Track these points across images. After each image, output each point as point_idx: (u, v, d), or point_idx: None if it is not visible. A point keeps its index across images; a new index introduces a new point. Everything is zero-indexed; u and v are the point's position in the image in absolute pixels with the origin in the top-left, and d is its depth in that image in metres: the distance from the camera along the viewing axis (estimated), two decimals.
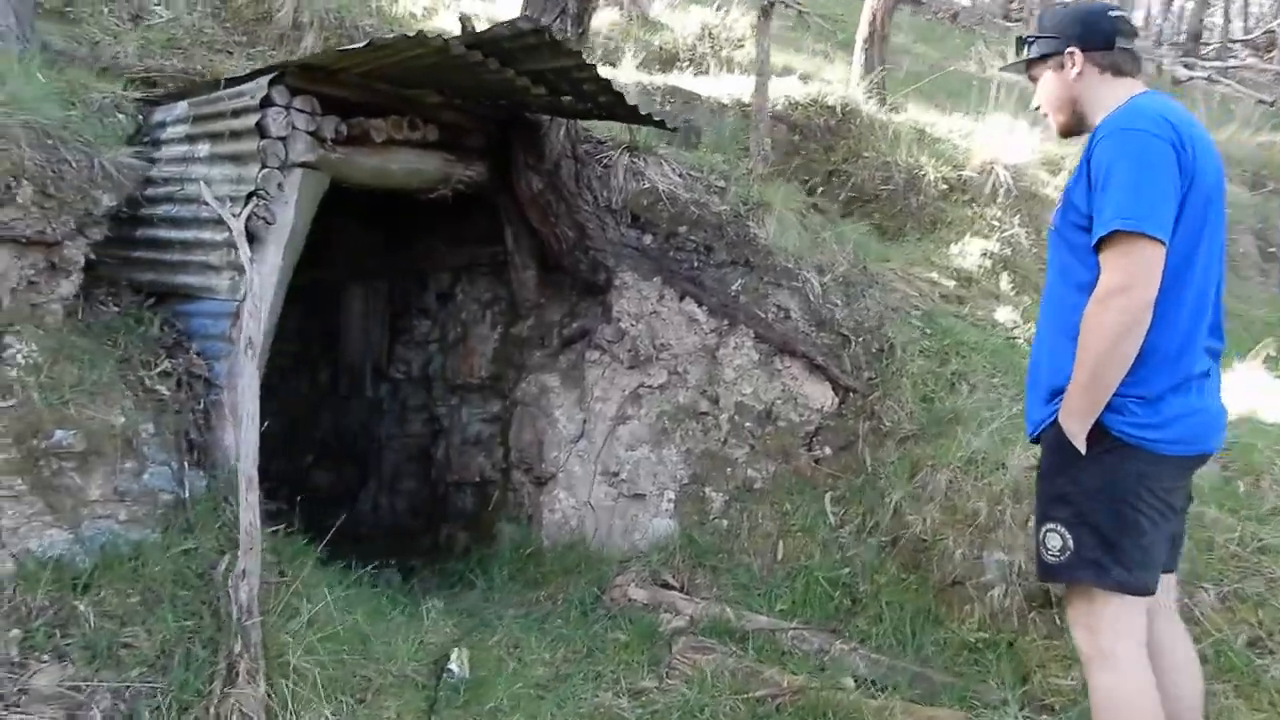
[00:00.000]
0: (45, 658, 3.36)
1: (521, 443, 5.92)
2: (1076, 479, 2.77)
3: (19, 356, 3.90)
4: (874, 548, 4.72)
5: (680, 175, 5.91)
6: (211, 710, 3.24)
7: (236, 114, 4.74)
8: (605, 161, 5.90)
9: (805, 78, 9.58)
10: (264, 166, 4.66)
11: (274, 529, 4.52)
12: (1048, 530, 2.82)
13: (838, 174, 8.61)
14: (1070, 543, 2.76)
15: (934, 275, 6.81)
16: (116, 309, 4.77)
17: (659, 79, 8.51)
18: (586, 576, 5.10)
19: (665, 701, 3.99)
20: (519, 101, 5.23)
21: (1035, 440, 2.97)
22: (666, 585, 4.90)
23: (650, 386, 5.54)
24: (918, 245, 7.63)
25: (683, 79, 8.91)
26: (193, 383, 4.60)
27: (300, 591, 4.22)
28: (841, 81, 9.67)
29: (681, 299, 5.58)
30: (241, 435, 4.10)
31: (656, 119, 5.35)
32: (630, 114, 5.11)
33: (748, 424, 5.25)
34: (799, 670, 4.12)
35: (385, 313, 7.23)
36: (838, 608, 4.59)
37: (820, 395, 5.25)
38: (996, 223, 7.83)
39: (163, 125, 5.17)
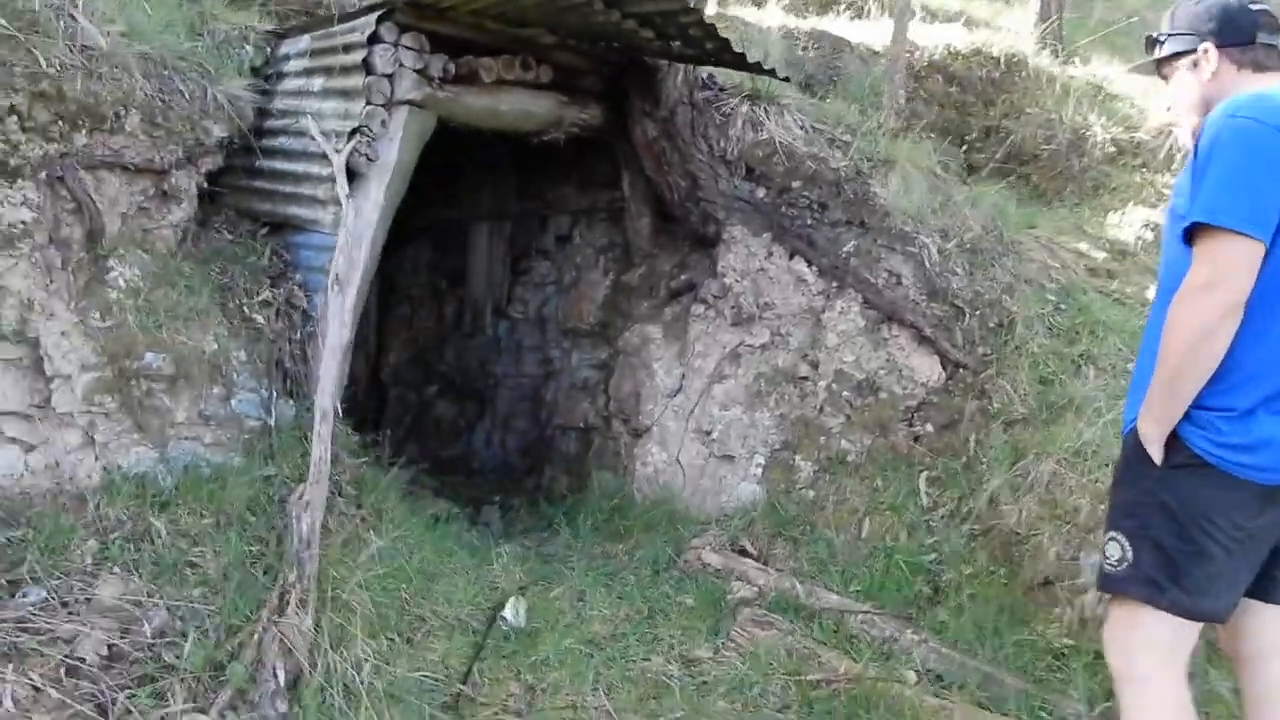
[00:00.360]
0: (116, 569, 3.55)
1: (621, 392, 5.85)
2: (1148, 490, 2.50)
3: (121, 280, 4.09)
4: (964, 535, 4.43)
5: (802, 128, 5.63)
6: (255, 636, 3.34)
7: (347, 49, 4.77)
8: (724, 110, 5.67)
9: (973, 24, 8.97)
10: (368, 103, 4.69)
11: (361, 460, 4.61)
12: (1110, 538, 2.59)
13: (995, 131, 8.06)
14: (1129, 555, 2.52)
15: (1083, 246, 6.28)
16: (230, 237, 4.96)
17: (809, 23, 8.12)
18: (667, 535, 5.01)
19: (716, 674, 3.88)
20: (630, 45, 5.07)
21: None
22: (744, 552, 4.76)
23: (751, 346, 5.35)
24: (1073, 212, 7.07)
25: (835, 24, 8.48)
26: (291, 313, 4.73)
27: (374, 524, 4.32)
28: (1017, 31, 9.00)
29: (791, 257, 5.34)
30: (323, 368, 4.17)
31: (766, 67, 5.08)
32: (737, 61, 4.86)
33: (845, 393, 5.00)
34: (861, 656, 3.93)
35: (507, 253, 7.26)
36: (916, 595, 4.34)
37: (927, 368, 4.93)
38: (1166, 191, 7.14)
39: (286, 58, 5.27)
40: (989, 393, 4.79)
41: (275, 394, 4.44)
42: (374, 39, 4.68)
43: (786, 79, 5.30)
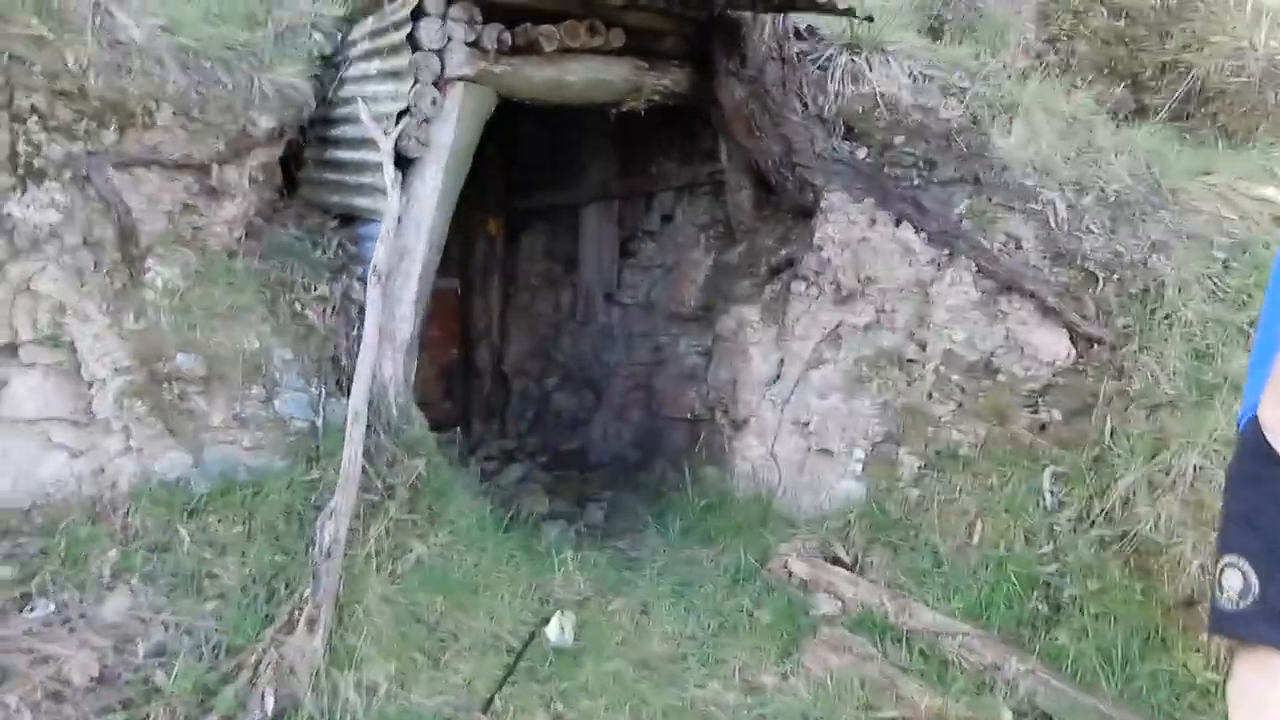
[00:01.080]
0: (133, 581, 3.42)
1: (719, 381, 5.38)
2: (1275, 497, 1.84)
3: (159, 280, 3.98)
4: (1092, 543, 3.73)
5: (911, 76, 4.96)
6: (255, 657, 3.12)
7: (396, 27, 4.52)
8: (821, 63, 5.08)
9: None
10: (416, 82, 4.43)
11: (425, 458, 4.35)
12: (1226, 564, 1.91)
13: (1172, 67, 7.02)
14: (1255, 586, 1.84)
15: (1269, 191, 5.30)
16: (297, 231, 4.81)
17: None
18: (756, 537, 4.52)
19: (778, 705, 3.39)
20: None
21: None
22: (836, 560, 4.21)
23: (854, 326, 4.76)
24: (1265, 153, 6.03)
25: None
26: (348, 308, 4.53)
27: (423, 530, 4.06)
28: None
29: (897, 224, 4.70)
30: (357, 367, 3.93)
31: (841, 7, 4.46)
32: (809, 3, 4.28)
33: (956, 376, 4.34)
34: (950, 689, 3.34)
35: (616, 236, 6.89)
36: (1032, 614, 3.68)
37: (1052, 345, 4.21)
38: None
39: (354, 43, 5.08)
40: (1128, 371, 4.03)
41: (324, 393, 4.24)
42: (418, 12, 4.41)
43: (869, 18, 4.66)
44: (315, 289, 4.49)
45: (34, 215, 3.69)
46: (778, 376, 5.01)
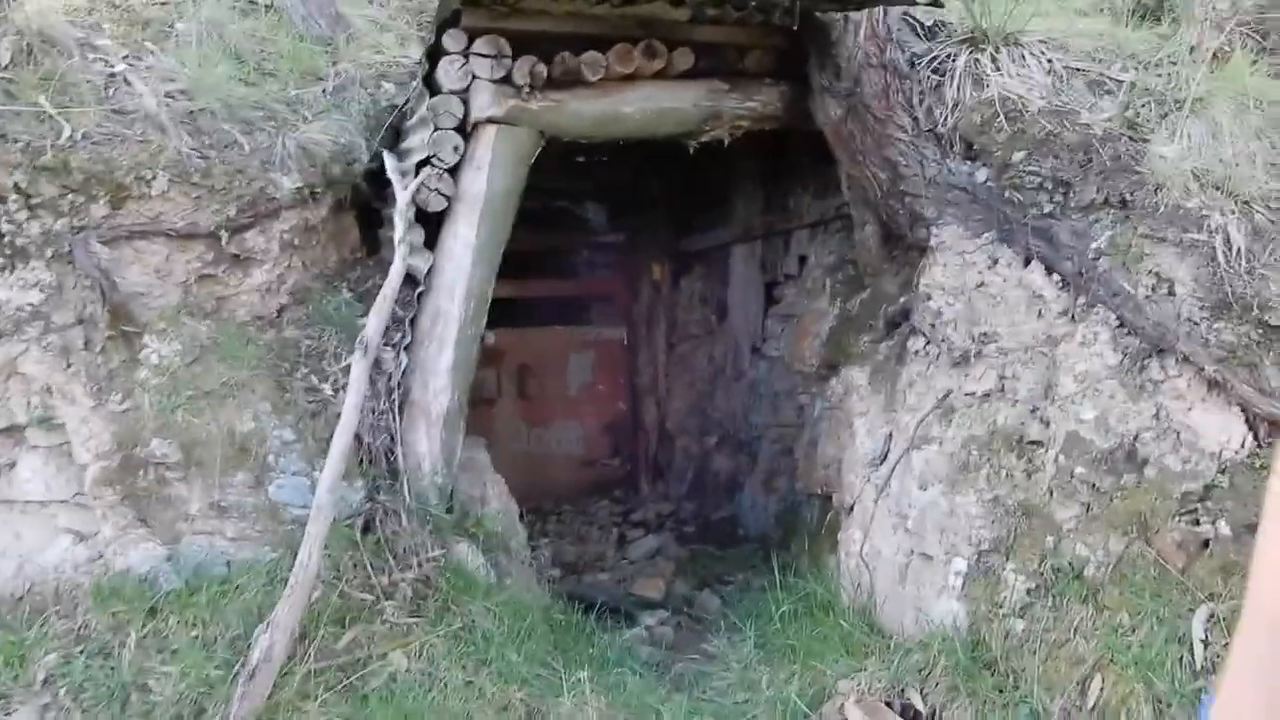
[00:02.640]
0: (61, 692, 3.15)
1: (826, 457, 4.49)
2: None
3: (155, 357, 3.75)
4: None
5: (1051, 73, 3.87)
6: None
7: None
8: (939, 65, 4.10)
9: None
10: (436, 129, 3.98)
11: (433, 556, 3.85)
12: None
13: None
14: None
15: None
16: (351, 296, 4.50)
17: None
18: (830, 661, 3.61)
19: None
20: None
21: None
22: (908, 710, 3.23)
23: (971, 394, 3.73)
24: None
25: None
26: (376, 378, 4.13)
27: (413, 639, 3.54)
28: None
29: (1025, 264, 3.65)
30: (329, 453, 3.49)
31: None
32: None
33: (1081, 468, 3.23)
34: None
35: (759, 280, 6.10)
36: None
37: (1219, 430, 3.02)
38: None
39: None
40: None
41: (341, 472, 3.83)
42: (435, 53, 3.96)
43: (938, 4, 3.65)
44: (345, 359, 4.12)
45: (16, 296, 3.57)
46: (884, 455, 4.05)
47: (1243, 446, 2.98)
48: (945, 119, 4.00)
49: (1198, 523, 3.00)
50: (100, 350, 3.71)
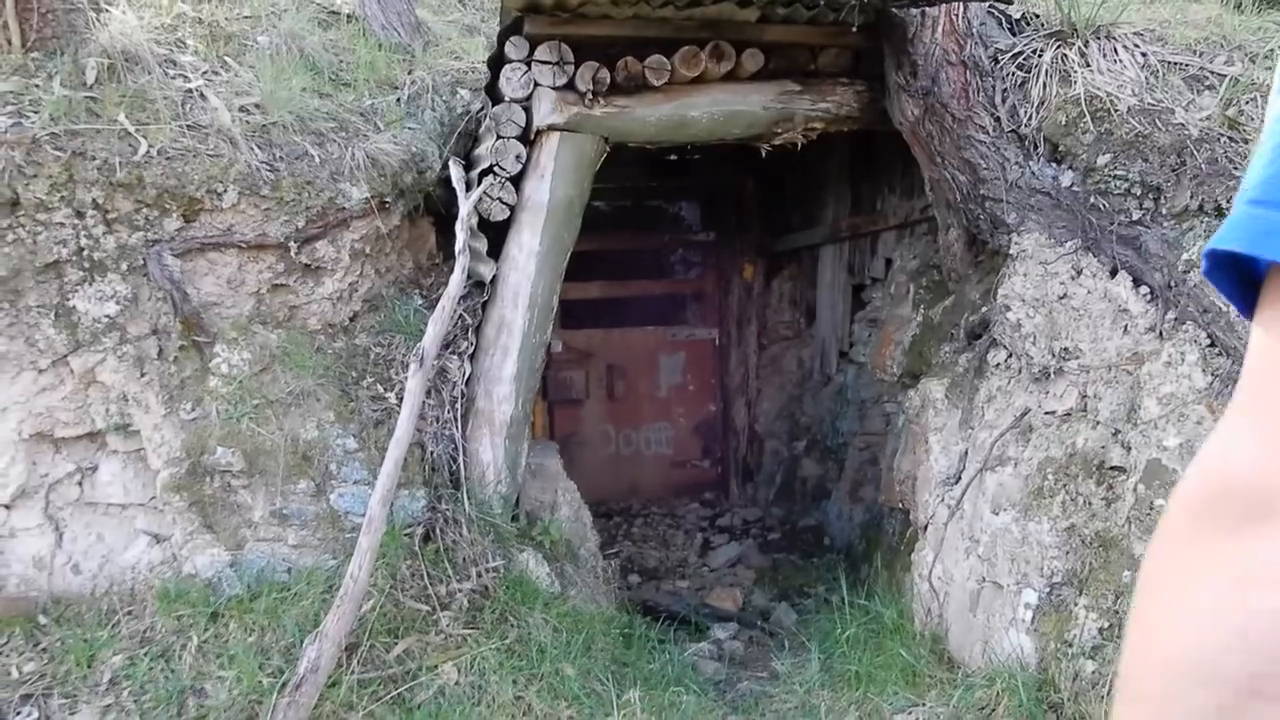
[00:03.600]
0: (124, 693, 3.26)
1: (902, 473, 4.30)
2: None
3: (225, 366, 3.85)
4: None
5: (1146, 68, 3.60)
6: None
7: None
8: (1025, 62, 3.86)
9: None
10: (498, 137, 3.96)
11: (492, 566, 3.85)
12: None
13: None
14: None
15: None
16: (421, 302, 4.54)
17: None
18: (882, 696, 3.45)
19: None
20: None
21: None
22: None
23: (1050, 414, 3.51)
24: None
25: None
26: (441, 388, 4.14)
27: (465, 651, 3.55)
28: None
29: (1111, 275, 3.41)
30: (384, 465, 3.50)
31: None
32: None
33: (1160, 500, 2.98)
34: None
35: (847, 282, 5.90)
36: None
37: None
38: None
39: None
40: None
41: (394, 484, 3.87)
42: (498, 60, 3.94)
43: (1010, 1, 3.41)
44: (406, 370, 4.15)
45: (95, 308, 3.70)
46: (959, 474, 3.86)
47: None
48: (1030, 119, 3.77)
49: None
50: (173, 360, 3.82)
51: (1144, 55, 3.62)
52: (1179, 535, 0.62)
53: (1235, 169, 3.17)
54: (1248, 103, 3.38)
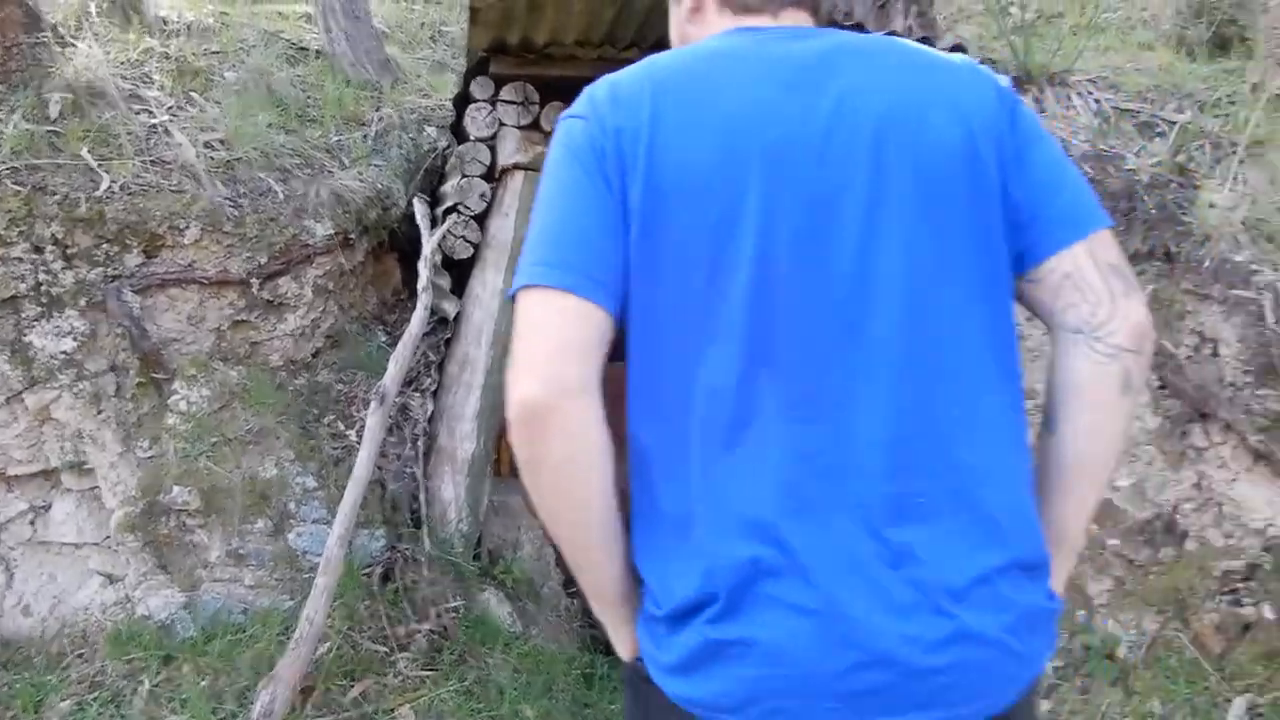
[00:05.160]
0: None
1: None
2: None
3: (184, 403, 3.82)
4: None
5: (1099, 114, 3.68)
6: None
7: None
8: None
9: None
10: (463, 175, 3.98)
11: (452, 606, 3.82)
12: None
13: None
14: None
15: None
16: (386, 339, 4.53)
17: None
18: None
19: None
20: None
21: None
22: None
23: None
24: None
25: None
26: (404, 424, 4.13)
27: (422, 694, 3.51)
28: None
29: None
30: (343, 503, 3.48)
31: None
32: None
33: (1113, 540, 3.02)
34: None
35: None
36: None
37: (1265, 504, 2.78)
38: None
39: None
40: None
41: (354, 524, 3.84)
42: (463, 99, 3.96)
43: (961, 49, 3.48)
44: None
45: (51, 344, 3.67)
46: None
47: None
48: None
49: (1239, 604, 2.77)
50: (130, 397, 3.79)
51: (1097, 102, 3.69)
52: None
53: (1184, 214, 3.23)
54: (1197, 150, 3.46)
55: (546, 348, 1.08)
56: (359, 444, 3.99)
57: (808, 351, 1.08)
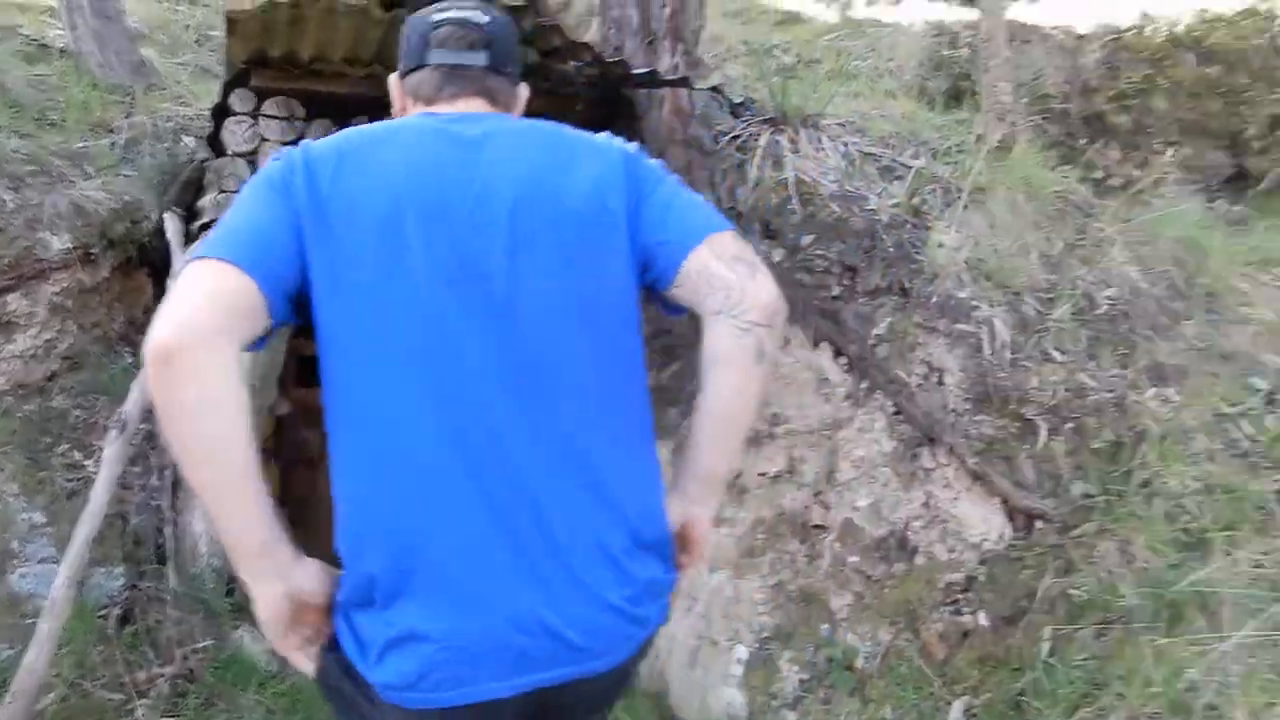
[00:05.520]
0: None
1: None
2: None
3: None
4: None
5: (846, 156, 3.93)
6: None
7: None
8: (744, 144, 4.12)
9: None
10: (220, 191, 3.79)
11: (201, 647, 3.61)
12: None
13: None
14: None
15: None
16: (132, 358, 4.24)
17: (957, 12, 6.17)
18: None
19: None
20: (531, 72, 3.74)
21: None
22: None
23: (763, 475, 3.70)
24: None
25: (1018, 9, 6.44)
26: (149, 454, 3.88)
27: None
28: None
29: (815, 345, 3.65)
30: (73, 539, 3.22)
31: (669, 78, 3.52)
32: (644, 79, 3.40)
33: (854, 556, 3.22)
34: None
35: None
36: None
37: (981, 521, 3.04)
38: None
39: None
40: (1078, 564, 2.82)
41: (86, 562, 3.56)
42: (221, 112, 3.79)
43: (718, 89, 3.69)
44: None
45: None
46: None
47: (1001, 539, 3.01)
48: (746, 199, 4.01)
49: (960, 613, 3.01)
50: None
51: (845, 145, 3.95)
52: None
53: (917, 253, 3.50)
54: (929, 193, 3.76)
55: (191, 300, 1.18)
56: (96, 475, 3.73)
57: (461, 376, 1.27)
